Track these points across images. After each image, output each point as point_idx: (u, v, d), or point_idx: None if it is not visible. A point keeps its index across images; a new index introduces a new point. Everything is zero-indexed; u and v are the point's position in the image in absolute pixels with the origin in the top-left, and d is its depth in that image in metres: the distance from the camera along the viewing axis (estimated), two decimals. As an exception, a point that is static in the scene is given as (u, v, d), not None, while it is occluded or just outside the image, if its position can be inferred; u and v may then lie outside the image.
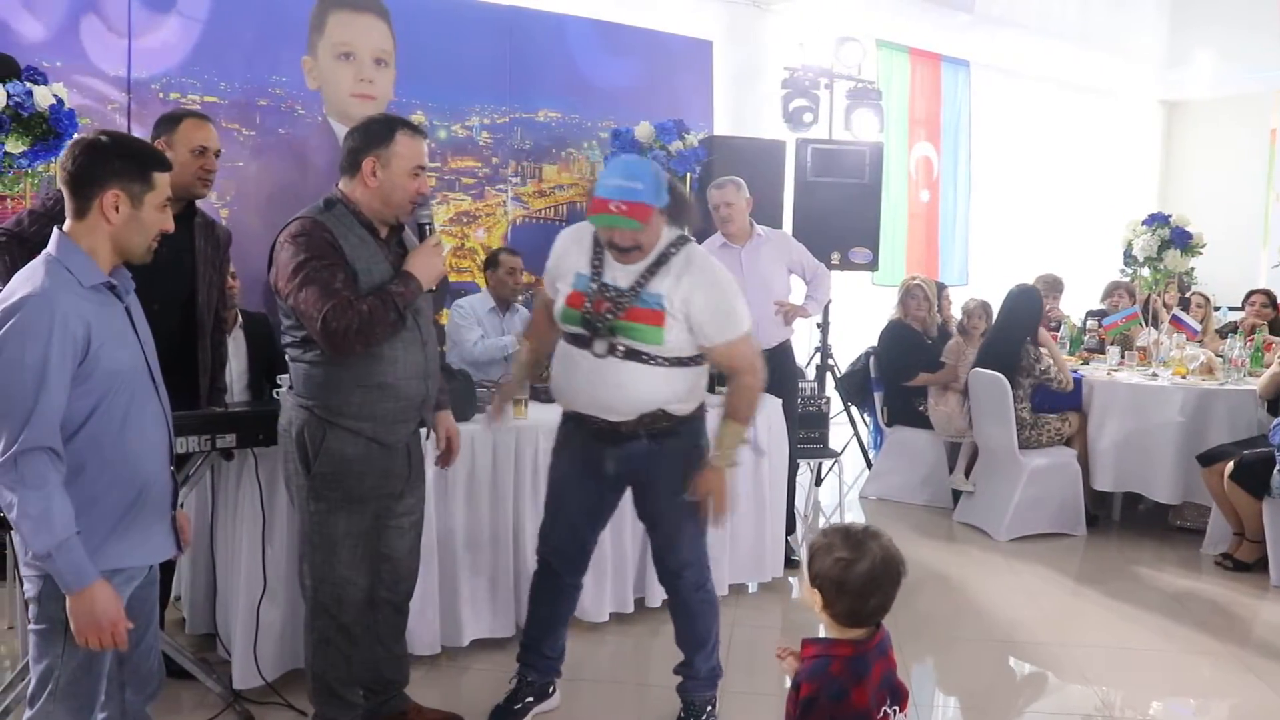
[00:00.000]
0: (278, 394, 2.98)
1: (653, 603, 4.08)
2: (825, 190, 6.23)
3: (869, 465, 6.62)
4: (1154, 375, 5.77)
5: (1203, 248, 6.27)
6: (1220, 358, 5.83)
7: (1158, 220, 6.26)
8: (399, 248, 2.86)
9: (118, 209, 2.10)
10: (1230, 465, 4.88)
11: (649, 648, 3.91)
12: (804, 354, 6.54)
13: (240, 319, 4.15)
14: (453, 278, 5.62)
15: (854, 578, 1.94)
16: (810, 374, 6.50)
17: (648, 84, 6.36)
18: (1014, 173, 9.62)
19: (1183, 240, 6.20)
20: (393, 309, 2.67)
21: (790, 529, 4.84)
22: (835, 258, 6.15)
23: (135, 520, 2.15)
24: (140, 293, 3.14)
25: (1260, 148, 10.03)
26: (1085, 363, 6.31)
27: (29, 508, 1.96)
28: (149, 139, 3.26)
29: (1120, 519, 5.90)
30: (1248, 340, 6.05)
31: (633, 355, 2.90)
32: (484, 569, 3.69)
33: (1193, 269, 6.46)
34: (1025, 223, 9.67)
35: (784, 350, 4.82)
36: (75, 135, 2.18)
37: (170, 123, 3.22)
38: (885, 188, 6.85)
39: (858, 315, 7.48)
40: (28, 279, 2.04)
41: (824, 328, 6.58)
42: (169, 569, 3.57)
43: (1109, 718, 3.52)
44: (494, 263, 5.21)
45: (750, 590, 4.51)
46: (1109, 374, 5.86)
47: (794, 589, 4.71)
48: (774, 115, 6.77)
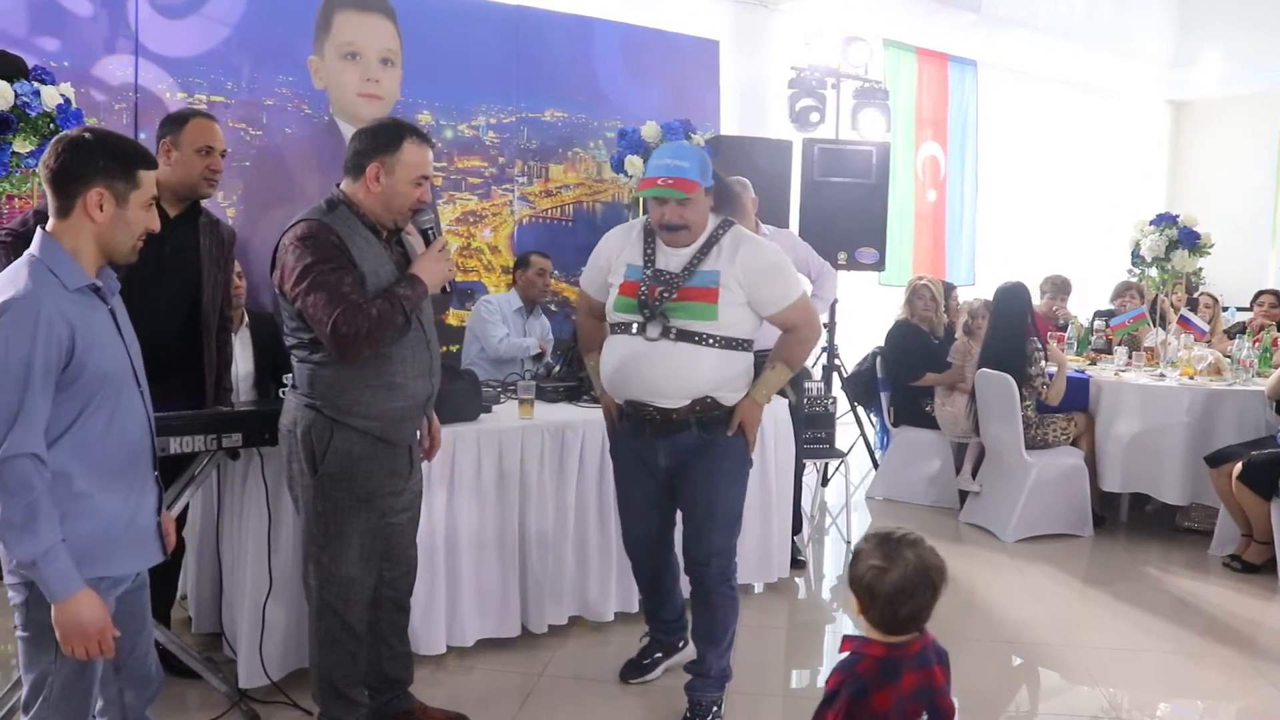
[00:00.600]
0: (283, 394, 2.98)
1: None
2: (832, 190, 6.23)
3: (875, 466, 6.61)
4: (1161, 376, 5.74)
5: (1210, 248, 6.25)
6: (1228, 358, 5.80)
7: (1165, 220, 6.24)
8: (399, 247, 2.87)
9: (102, 208, 2.05)
10: (1238, 466, 4.87)
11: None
12: (811, 354, 6.53)
13: (246, 318, 4.15)
14: (460, 278, 5.62)
15: (885, 586, 1.94)
16: (817, 374, 6.49)
17: (654, 84, 6.36)
18: (1021, 173, 9.61)
19: (1190, 240, 6.19)
20: (400, 312, 2.67)
21: (796, 529, 4.84)
22: (842, 258, 6.15)
23: (117, 527, 2.09)
24: (145, 292, 3.17)
25: (1268, 147, 9.99)
26: (1092, 363, 6.29)
27: (13, 515, 1.92)
28: (155, 139, 3.27)
29: (1127, 520, 5.88)
30: (1255, 340, 6.03)
31: (685, 336, 3.00)
32: (490, 569, 3.69)
33: (1200, 269, 6.44)
34: (1032, 223, 9.66)
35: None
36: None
37: (176, 122, 3.23)
38: (892, 187, 6.83)
39: (864, 315, 7.48)
40: (10, 281, 1.99)
41: (830, 328, 6.57)
42: (175, 568, 3.58)
43: (1115, 719, 3.51)
44: (524, 263, 5.25)
45: (756, 591, 4.50)
46: (1116, 374, 5.84)
47: (800, 590, 4.71)
48: (781, 115, 6.78)
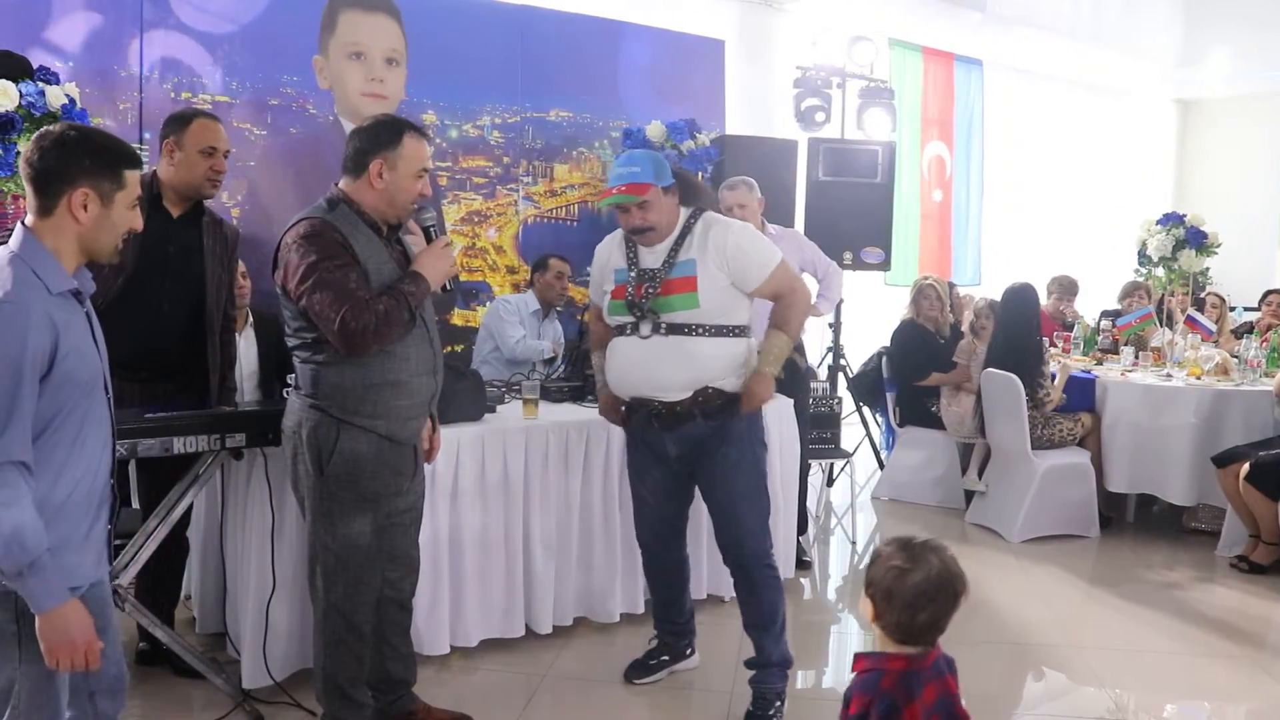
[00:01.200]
0: (287, 394, 2.98)
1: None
2: (837, 190, 6.21)
3: (881, 466, 6.60)
4: (1168, 376, 5.71)
5: (1218, 247, 6.23)
6: (1235, 358, 5.77)
7: (1172, 220, 6.22)
8: (399, 246, 2.88)
9: (86, 208, 1.97)
10: (1246, 467, 4.84)
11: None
12: (816, 354, 6.53)
13: (251, 318, 4.15)
14: (464, 277, 5.62)
15: (906, 588, 1.89)
16: (822, 374, 6.49)
17: (659, 83, 6.34)
18: (1027, 172, 9.58)
19: (1197, 240, 6.17)
20: (405, 308, 2.68)
21: (802, 530, 4.83)
22: (847, 257, 6.13)
23: (89, 534, 2.05)
24: (149, 292, 3.18)
25: (1276, 146, 9.93)
26: (1099, 363, 6.26)
27: (0, 525, 1.85)
28: (159, 138, 3.27)
29: (1134, 521, 5.85)
30: (1263, 340, 5.99)
31: (675, 330, 3.10)
32: (494, 569, 3.68)
33: (1207, 269, 6.41)
34: (1039, 223, 9.63)
35: (796, 350, 4.80)
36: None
37: (179, 122, 3.23)
38: (898, 187, 6.81)
39: (870, 315, 7.45)
40: None
41: (836, 328, 6.56)
42: (178, 568, 3.58)
43: (1122, 721, 3.50)
44: (543, 266, 5.28)
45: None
46: (1123, 375, 5.82)
47: (805, 590, 4.70)
48: (786, 114, 6.76)
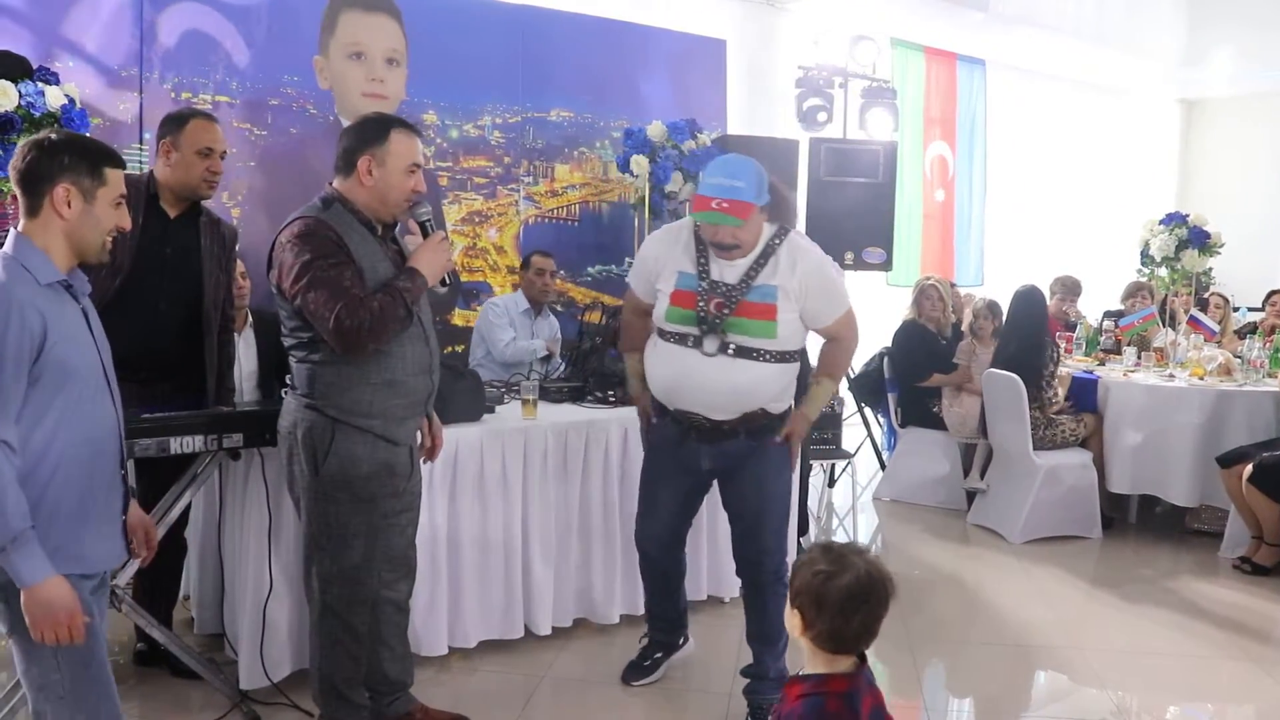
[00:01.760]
0: (284, 394, 2.98)
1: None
2: (839, 190, 6.19)
3: (882, 466, 6.58)
4: (1171, 376, 5.70)
5: (1220, 247, 6.21)
6: (1238, 359, 5.76)
7: (1175, 220, 6.20)
8: (395, 245, 2.87)
9: (70, 204, 2.07)
10: (1249, 468, 4.82)
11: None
12: (816, 355, 6.50)
13: (250, 318, 4.14)
14: (465, 278, 5.62)
15: (834, 592, 1.81)
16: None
17: (661, 83, 6.33)
18: (1030, 172, 9.56)
19: (1200, 240, 6.15)
20: (401, 305, 2.67)
21: (803, 531, 4.81)
22: (849, 258, 6.11)
23: (84, 524, 2.09)
24: (147, 293, 3.17)
25: (1279, 146, 9.92)
26: (1101, 364, 6.24)
27: None
28: (155, 139, 3.27)
29: (1136, 522, 5.83)
30: (1267, 341, 5.97)
31: (743, 353, 2.99)
32: (493, 570, 3.67)
33: (1210, 269, 6.39)
34: (1041, 223, 9.61)
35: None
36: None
37: (176, 123, 3.21)
38: (900, 187, 6.80)
39: (872, 316, 7.39)
40: None
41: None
42: (177, 569, 3.57)
43: (1124, 723, 3.48)
44: (526, 263, 5.26)
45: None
46: (1125, 375, 5.80)
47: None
48: (788, 114, 6.74)
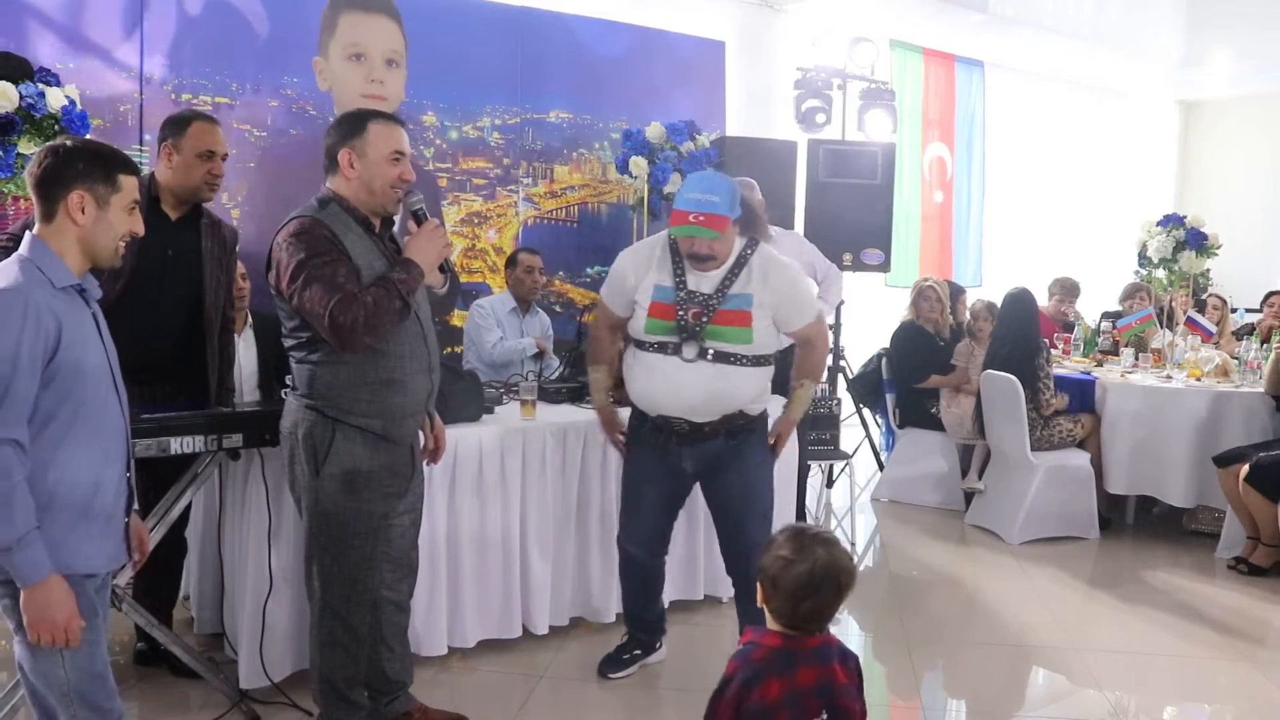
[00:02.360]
0: (285, 395, 2.99)
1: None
2: (838, 191, 6.21)
3: (880, 467, 6.59)
4: (1168, 378, 5.71)
5: (1218, 249, 6.22)
6: (1236, 360, 5.77)
7: (1173, 221, 6.22)
8: (393, 244, 2.88)
9: (84, 210, 2.11)
10: (1245, 468, 4.83)
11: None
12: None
13: (251, 319, 4.15)
14: (464, 279, 5.63)
15: (788, 578, 1.96)
16: (822, 375, 6.47)
17: (659, 84, 6.35)
18: (1029, 174, 9.58)
19: (1198, 241, 6.17)
20: (396, 296, 2.66)
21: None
22: (847, 259, 6.13)
23: (90, 524, 2.12)
24: (147, 294, 3.18)
25: (1278, 147, 9.93)
26: (1099, 365, 6.25)
27: None
28: (157, 141, 3.28)
29: (1134, 522, 5.84)
30: (1266, 343, 5.97)
31: (721, 358, 3.16)
32: (492, 570, 3.68)
33: (1208, 270, 6.40)
34: (1040, 224, 9.63)
35: (794, 351, 4.80)
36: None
37: (177, 125, 3.22)
38: (898, 188, 6.81)
39: (870, 317, 7.45)
40: (1, 275, 2.05)
41: (836, 329, 6.55)
42: (178, 569, 3.58)
43: (1120, 723, 3.49)
44: (513, 261, 5.24)
45: (760, 592, 4.48)
46: (1123, 376, 5.81)
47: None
48: (786, 116, 6.76)
